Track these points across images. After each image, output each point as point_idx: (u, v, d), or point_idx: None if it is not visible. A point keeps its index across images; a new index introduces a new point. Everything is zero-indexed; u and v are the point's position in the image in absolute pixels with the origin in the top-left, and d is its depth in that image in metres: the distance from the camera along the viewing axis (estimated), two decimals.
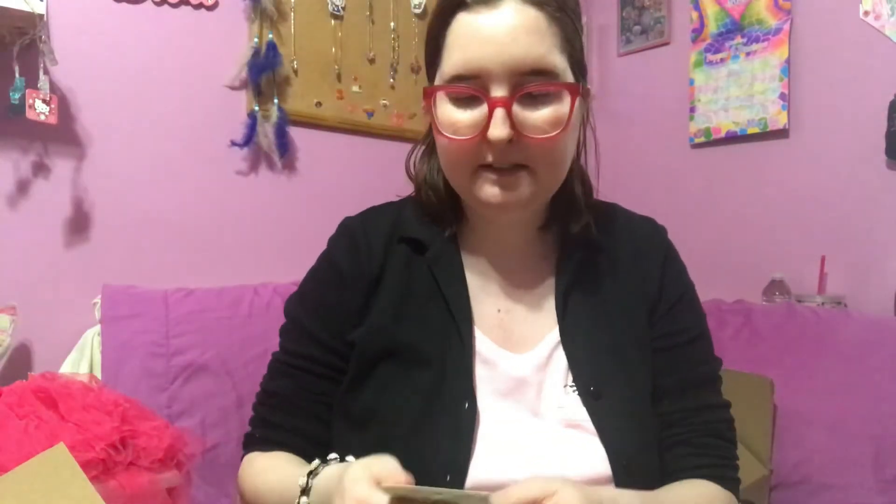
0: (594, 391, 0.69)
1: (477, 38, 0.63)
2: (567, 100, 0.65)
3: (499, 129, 0.62)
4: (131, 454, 1.10)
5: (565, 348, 0.72)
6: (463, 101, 0.66)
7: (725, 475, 0.73)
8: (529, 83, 0.63)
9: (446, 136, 0.66)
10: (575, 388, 0.70)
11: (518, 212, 0.70)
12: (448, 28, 0.67)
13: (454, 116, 0.66)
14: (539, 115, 0.64)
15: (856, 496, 1.40)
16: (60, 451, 0.93)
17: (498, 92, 0.63)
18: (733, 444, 0.76)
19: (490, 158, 0.65)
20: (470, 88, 0.64)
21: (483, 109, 0.64)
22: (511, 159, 0.65)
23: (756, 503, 1.44)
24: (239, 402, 1.54)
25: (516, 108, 0.63)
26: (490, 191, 0.66)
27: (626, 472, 0.67)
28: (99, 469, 1.04)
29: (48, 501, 0.90)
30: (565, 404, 0.69)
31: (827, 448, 1.47)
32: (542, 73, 0.64)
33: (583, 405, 0.69)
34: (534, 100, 0.64)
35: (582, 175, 0.78)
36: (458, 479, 0.64)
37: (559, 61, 0.65)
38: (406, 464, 0.55)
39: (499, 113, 0.62)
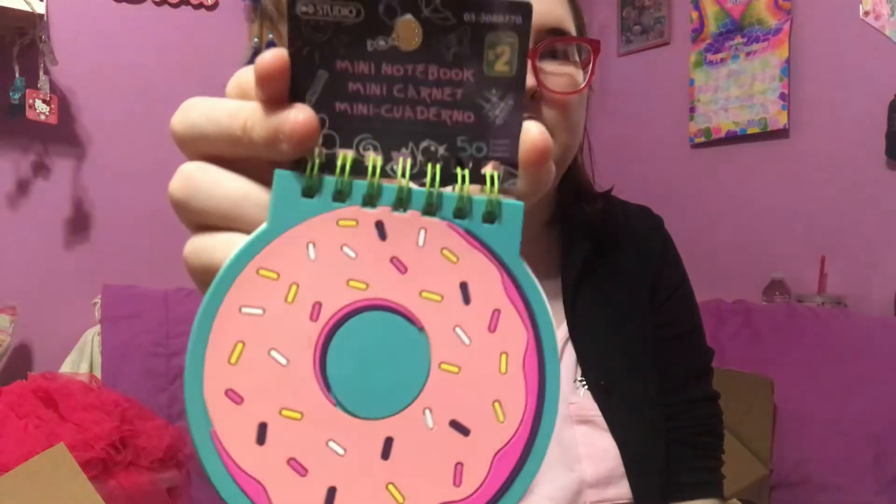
0: (605, 385, 0.69)
1: None
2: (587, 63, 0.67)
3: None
4: (131, 454, 1.10)
5: (574, 343, 0.71)
6: None
7: (718, 479, 0.75)
8: (550, 40, 0.64)
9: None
10: (584, 382, 0.70)
11: None
12: None
13: None
14: (562, 70, 0.65)
15: (856, 496, 1.40)
16: (60, 450, 0.93)
17: None
18: (722, 439, 0.77)
19: None
20: None
21: None
22: (532, 115, 0.64)
23: (756, 503, 1.44)
24: None
25: (539, 64, 0.63)
26: None
27: (638, 467, 0.67)
28: (99, 469, 1.04)
29: (48, 501, 0.90)
30: (576, 400, 0.69)
31: (827, 448, 1.47)
32: (561, 33, 0.65)
33: (594, 400, 0.68)
34: (555, 58, 0.65)
35: (582, 168, 0.78)
36: None
37: (574, 30, 0.67)
38: None
39: None
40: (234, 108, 0.23)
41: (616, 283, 0.75)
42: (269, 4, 1.85)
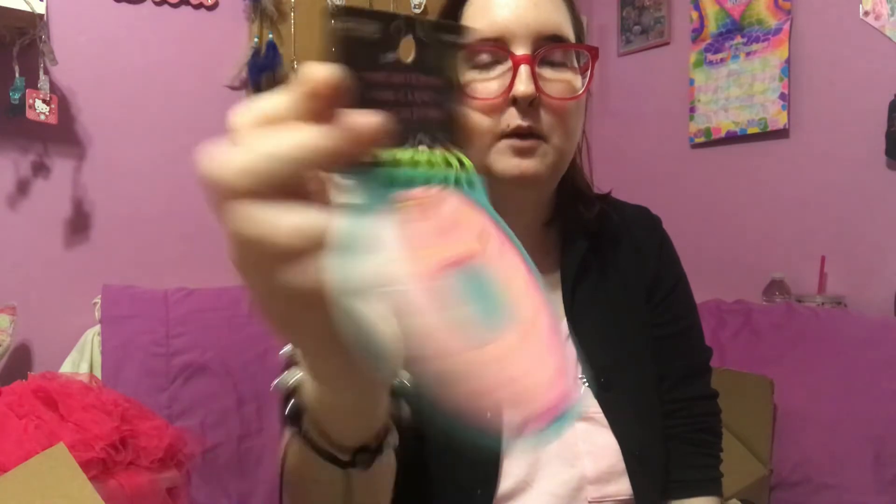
0: (604, 383, 0.70)
1: (499, 3, 0.66)
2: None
3: (524, 85, 0.63)
4: (131, 454, 1.10)
5: (574, 341, 0.72)
6: (483, 66, 0.66)
7: (716, 477, 0.75)
8: (549, 47, 0.65)
9: (469, 97, 0.66)
10: (584, 380, 0.70)
11: (533, 185, 0.69)
12: (467, 1, 0.69)
13: (476, 78, 0.67)
14: (560, 77, 0.66)
15: (856, 496, 1.40)
16: (60, 450, 0.93)
17: (521, 52, 0.64)
18: (721, 437, 0.78)
19: (511, 123, 0.65)
20: (496, 47, 0.65)
21: (506, 67, 0.65)
22: (531, 122, 0.65)
23: (756, 503, 1.44)
24: (239, 402, 1.54)
25: (538, 70, 0.65)
26: (509, 161, 0.65)
27: (638, 464, 0.67)
28: (98, 469, 1.04)
29: (48, 501, 0.90)
30: None
31: (827, 448, 1.47)
32: (559, 40, 0.66)
33: (594, 397, 0.69)
34: (553, 65, 0.66)
35: (580, 170, 0.79)
36: (488, 489, 0.64)
37: (572, 36, 0.68)
38: (437, 478, 0.59)
39: (524, 70, 0.63)
40: (310, 131, 0.25)
41: (614, 282, 0.76)
42: (269, 4, 1.85)
